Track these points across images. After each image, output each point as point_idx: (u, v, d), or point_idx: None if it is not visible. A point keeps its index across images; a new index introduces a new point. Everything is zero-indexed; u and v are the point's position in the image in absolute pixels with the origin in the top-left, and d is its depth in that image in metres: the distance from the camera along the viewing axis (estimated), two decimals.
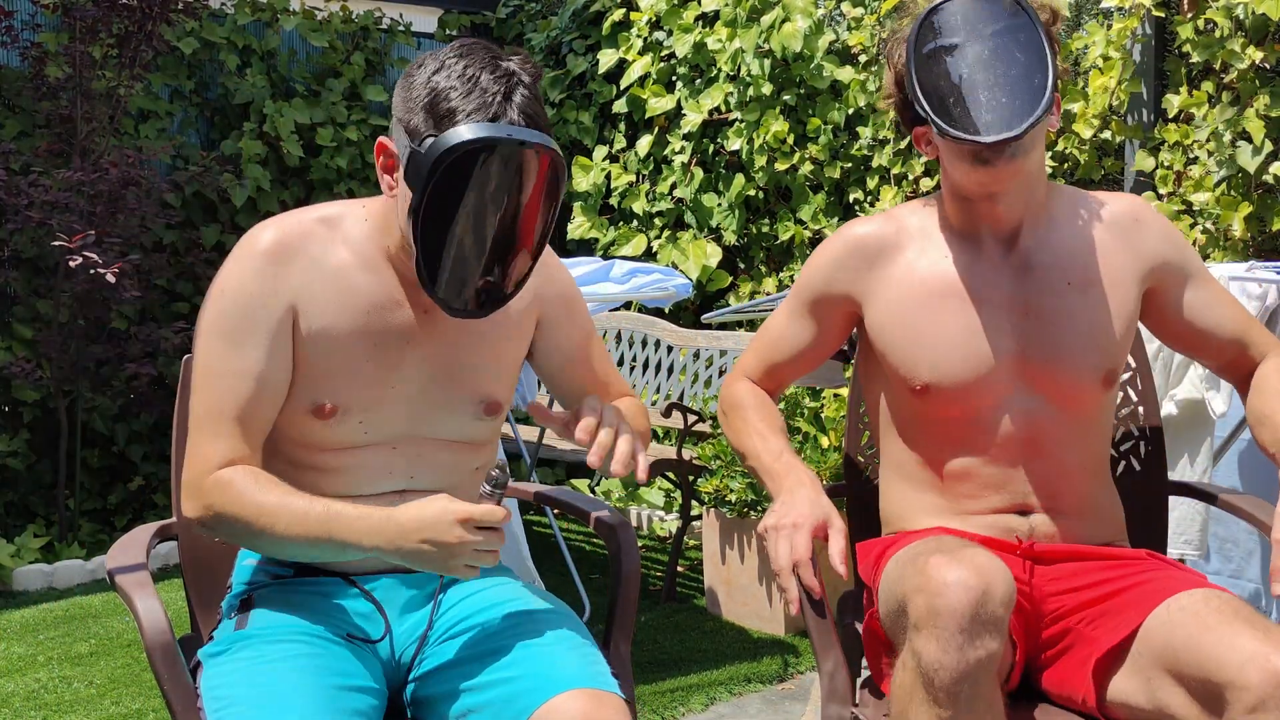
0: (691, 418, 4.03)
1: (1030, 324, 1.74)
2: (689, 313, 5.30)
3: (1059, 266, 1.75)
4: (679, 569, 4.23)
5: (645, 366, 4.80)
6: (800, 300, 1.88)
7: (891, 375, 1.80)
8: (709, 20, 5.13)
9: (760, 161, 4.82)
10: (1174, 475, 2.78)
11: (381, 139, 1.54)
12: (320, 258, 1.58)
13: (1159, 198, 3.75)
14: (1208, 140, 3.61)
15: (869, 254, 1.81)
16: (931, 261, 1.78)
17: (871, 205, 4.55)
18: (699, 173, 5.14)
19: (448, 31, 6.20)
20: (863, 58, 4.58)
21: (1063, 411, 1.74)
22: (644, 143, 5.33)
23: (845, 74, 4.58)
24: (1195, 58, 3.60)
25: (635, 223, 5.50)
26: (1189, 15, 3.62)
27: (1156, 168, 3.76)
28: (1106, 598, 1.66)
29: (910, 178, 4.42)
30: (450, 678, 1.57)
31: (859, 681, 1.78)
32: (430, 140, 1.45)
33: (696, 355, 4.54)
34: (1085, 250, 1.76)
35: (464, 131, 1.42)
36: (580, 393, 1.76)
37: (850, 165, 4.66)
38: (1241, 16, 3.51)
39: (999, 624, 1.43)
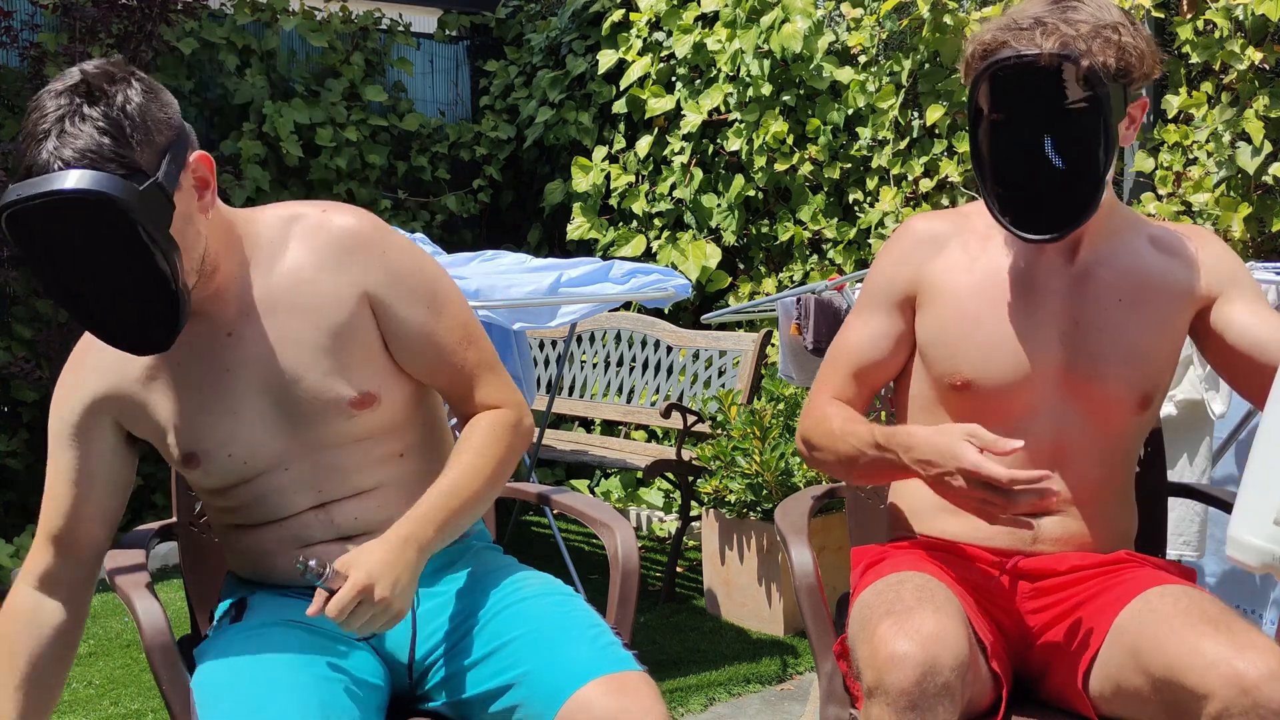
0: (691, 418, 4.03)
1: (1077, 336, 1.72)
2: (688, 313, 5.30)
3: (1113, 282, 1.73)
4: (678, 569, 4.23)
5: (645, 367, 4.80)
6: (871, 299, 1.83)
7: (931, 369, 1.77)
8: (709, 21, 5.13)
9: (760, 162, 4.82)
10: (1173, 476, 2.78)
11: None
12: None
13: (1158, 198, 3.75)
14: (1207, 141, 3.62)
15: (931, 247, 1.79)
16: (992, 260, 1.75)
17: (871, 206, 4.55)
18: (698, 173, 5.14)
19: (447, 31, 6.20)
20: (862, 58, 4.58)
21: (1094, 428, 1.72)
22: (643, 143, 5.33)
23: (845, 74, 4.57)
24: (1195, 58, 3.60)
25: (634, 223, 5.50)
26: (1188, 16, 3.62)
27: (1156, 168, 3.76)
28: (1081, 605, 1.65)
29: (910, 178, 4.42)
30: (469, 681, 1.56)
31: None
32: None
33: (696, 356, 4.54)
34: (1141, 269, 1.73)
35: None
36: (443, 391, 1.64)
37: (850, 166, 4.65)
38: (1241, 17, 3.51)
39: (949, 690, 1.44)
